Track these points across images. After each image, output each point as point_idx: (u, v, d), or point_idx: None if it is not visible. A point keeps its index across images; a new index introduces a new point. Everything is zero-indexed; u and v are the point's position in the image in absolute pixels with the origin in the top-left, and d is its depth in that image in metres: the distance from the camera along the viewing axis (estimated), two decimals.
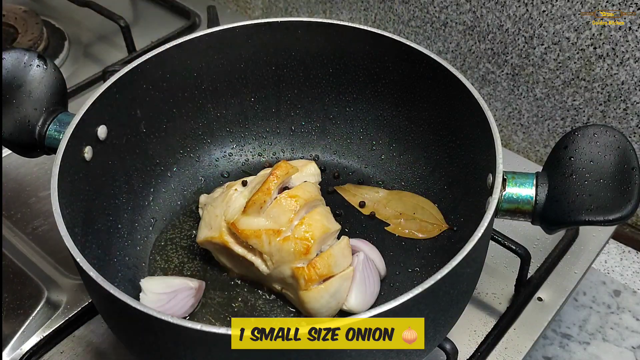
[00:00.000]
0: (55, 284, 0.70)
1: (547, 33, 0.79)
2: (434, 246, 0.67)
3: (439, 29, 0.89)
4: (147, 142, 0.70)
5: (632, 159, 0.53)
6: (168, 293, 0.61)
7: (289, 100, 0.76)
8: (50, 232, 0.75)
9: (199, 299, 0.63)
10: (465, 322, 0.66)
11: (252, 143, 0.78)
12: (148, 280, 0.62)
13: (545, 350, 0.73)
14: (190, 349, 0.46)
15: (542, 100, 0.84)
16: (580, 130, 0.55)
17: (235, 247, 0.62)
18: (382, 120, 0.74)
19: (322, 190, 0.69)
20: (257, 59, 0.73)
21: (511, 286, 0.69)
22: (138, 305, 0.45)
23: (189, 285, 0.62)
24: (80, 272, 0.50)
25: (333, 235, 0.63)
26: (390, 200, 0.71)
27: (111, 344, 0.65)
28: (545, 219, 0.54)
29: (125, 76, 0.64)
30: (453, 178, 0.68)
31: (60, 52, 1.01)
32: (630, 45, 0.73)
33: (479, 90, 0.84)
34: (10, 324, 0.66)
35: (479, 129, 0.59)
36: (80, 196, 0.59)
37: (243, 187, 0.65)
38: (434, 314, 0.50)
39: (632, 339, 0.74)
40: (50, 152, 0.62)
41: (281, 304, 0.63)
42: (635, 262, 0.82)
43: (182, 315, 0.61)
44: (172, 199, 0.72)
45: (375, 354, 0.48)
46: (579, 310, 0.77)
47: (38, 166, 0.82)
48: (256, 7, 1.13)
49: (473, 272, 0.55)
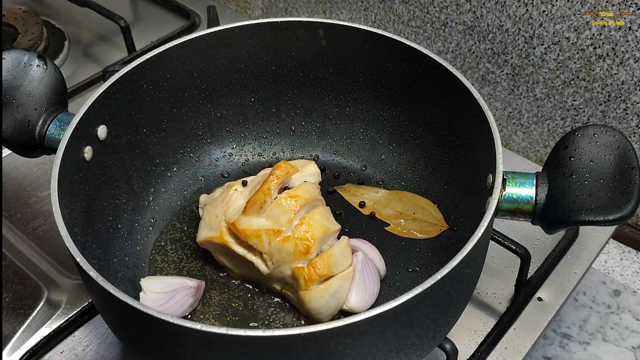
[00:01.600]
0: (55, 284, 0.70)
1: (547, 33, 0.79)
2: (434, 246, 0.67)
3: (439, 29, 0.89)
4: (147, 142, 0.70)
5: (632, 159, 0.53)
6: (167, 292, 0.61)
7: (289, 100, 0.76)
8: (50, 232, 0.75)
9: (199, 299, 0.63)
10: (465, 322, 0.66)
11: (252, 143, 0.78)
12: (148, 279, 0.62)
13: (545, 350, 0.73)
14: (190, 349, 0.46)
15: (542, 100, 0.84)
16: (580, 130, 0.55)
17: (235, 247, 0.62)
18: (382, 120, 0.74)
19: (322, 190, 0.69)
20: (257, 59, 0.73)
21: (511, 286, 0.69)
22: (138, 305, 0.45)
23: (188, 284, 0.62)
24: (80, 272, 0.50)
25: (333, 235, 0.63)
26: (390, 200, 0.71)
27: (111, 344, 0.65)
28: (545, 219, 0.54)
29: (125, 76, 0.64)
30: (453, 178, 0.68)
31: (60, 52, 1.01)
32: (630, 45, 0.73)
33: (479, 90, 0.84)
34: (10, 324, 0.66)
35: (479, 129, 0.59)
36: (80, 196, 0.59)
37: (243, 187, 0.65)
38: (434, 314, 0.50)
39: (632, 339, 0.74)
40: (50, 152, 0.62)
41: (281, 304, 0.63)
42: (635, 262, 0.82)
43: (182, 314, 0.61)
44: (172, 199, 0.72)
45: (375, 354, 0.48)
46: (579, 310, 0.77)
47: (38, 166, 0.82)
48: (256, 7, 1.13)
49: (473, 272, 0.55)
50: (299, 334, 0.43)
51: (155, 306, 0.59)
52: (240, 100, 0.75)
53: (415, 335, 0.51)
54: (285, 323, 0.62)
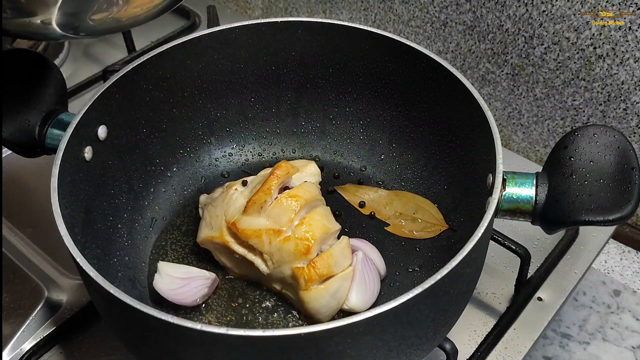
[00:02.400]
0: (55, 284, 0.70)
1: (547, 33, 0.79)
2: (434, 246, 0.67)
3: (439, 29, 0.89)
4: (147, 142, 0.70)
5: (632, 159, 0.53)
6: (184, 279, 0.61)
7: (289, 100, 0.76)
8: (50, 232, 0.75)
9: (211, 292, 0.63)
10: (465, 322, 0.66)
11: (252, 143, 0.78)
12: (166, 263, 0.62)
13: (545, 350, 0.73)
14: (190, 349, 0.47)
15: (542, 100, 0.84)
16: (580, 130, 0.55)
17: (236, 247, 0.62)
18: (382, 120, 0.74)
19: (322, 190, 0.69)
20: (257, 59, 0.73)
21: (511, 286, 0.69)
22: (138, 305, 0.45)
23: (205, 275, 0.62)
24: (80, 272, 0.50)
25: (333, 235, 0.63)
26: (390, 201, 0.71)
27: (111, 344, 0.65)
28: (545, 219, 0.54)
29: (125, 76, 0.64)
30: (453, 178, 0.68)
31: (60, 52, 1.01)
32: (630, 45, 0.73)
33: (479, 90, 0.84)
34: (10, 324, 0.66)
35: (479, 129, 0.59)
36: (80, 196, 0.59)
37: (243, 187, 0.65)
38: (434, 314, 0.50)
39: (632, 339, 0.74)
40: (50, 152, 0.62)
41: (281, 303, 0.63)
42: (635, 262, 0.82)
43: (193, 302, 0.61)
44: (172, 199, 0.72)
45: (375, 354, 0.48)
46: (579, 310, 0.77)
47: (38, 166, 0.82)
48: (256, 7, 1.13)
49: (473, 272, 0.55)
50: (299, 334, 0.43)
51: (168, 289, 0.60)
52: (240, 100, 0.75)
53: (415, 335, 0.51)
54: (285, 323, 0.62)
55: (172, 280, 0.61)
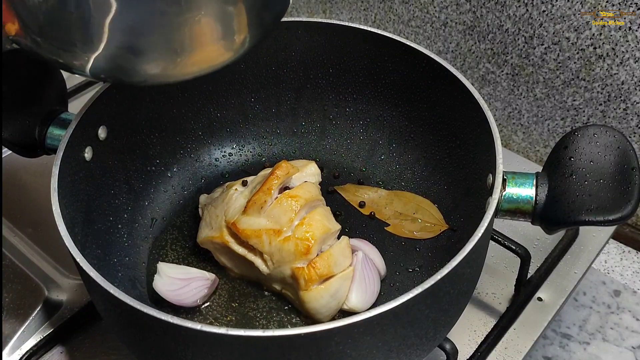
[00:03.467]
0: (55, 284, 0.70)
1: (547, 33, 0.79)
2: (434, 246, 0.67)
3: (439, 29, 0.89)
4: (147, 142, 0.70)
5: (632, 159, 0.53)
6: (183, 279, 0.61)
7: (289, 100, 0.76)
8: (50, 232, 0.75)
9: (211, 293, 0.63)
10: (465, 322, 0.66)
11: (252, 143, 0.78)
12: (166, 264, 0.62)
13: (545, 350, 0.73)
14: (190, 349, 0.47)
15: (542, 100, 0.84)
16: (580, 130, 0.55)
17: (236, 247, 0.62)
18: (382, 120, 0.74)
19: (322, 190, 0.69)
20: (258, 59, 0.73)
21: (511, 286, 0.69)
22: (138, 305, 0.45)
23: (205, 275, 0.62)
24: (80, 272, 0.50)
25: (333, 236, 0.63)
26: (391, 201, 0.71)
27: (111, 344, 0.65)
28: (545, 219, 0.54)
29: None
30: (453, 178, 0.68)
31: None
32: (630, 45, 0.73)
33: (479, 90, 0.85)
34: (10, 324, 0.66)
35: (479, 129, 0.59)
36: (80, 196, 0.59)
37: (243, 187, 0.65)
38: (434, 314, 0.50)
39: (632, 339, 0.74)
40: (50, 152, 0.62)
41: (281, 304, 0.63)
42: (635, 262, 0.82)
43: (193, 303, 0.61)
44: (172, 199, 0.72)
45: (375, 354, 0.48)
46: (579, 310, 0.77)
47: (38, 166, 0.82)
48: None
49: (473, 272, 0.55)
50: (299, 334, 0.43)
51: (167, 290, 0.60)
52: (240, 100, 0.75)
53: (415, 335, 0.51)
54: (285, 323, 0.62)
55: (172, 281, 0.61)
